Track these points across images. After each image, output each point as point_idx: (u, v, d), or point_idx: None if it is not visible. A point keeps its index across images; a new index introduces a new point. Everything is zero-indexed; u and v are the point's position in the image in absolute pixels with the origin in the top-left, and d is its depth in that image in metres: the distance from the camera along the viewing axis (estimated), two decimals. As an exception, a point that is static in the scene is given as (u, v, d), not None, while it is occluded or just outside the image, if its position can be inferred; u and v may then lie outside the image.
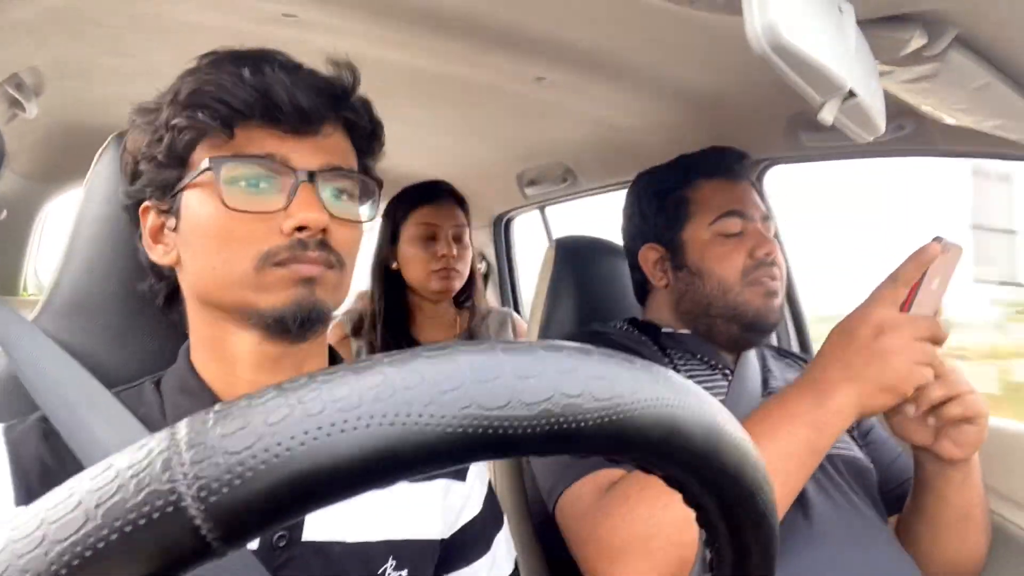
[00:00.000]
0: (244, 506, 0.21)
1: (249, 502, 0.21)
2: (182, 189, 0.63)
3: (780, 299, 1.09)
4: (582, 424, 0.24)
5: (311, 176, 0.62)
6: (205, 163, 0.60)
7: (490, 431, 0.23)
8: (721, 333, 1.10)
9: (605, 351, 0.27)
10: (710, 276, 1.09)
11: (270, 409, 0.22)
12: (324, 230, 0.62)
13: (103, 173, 0.76)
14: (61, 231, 0.78)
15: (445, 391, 0.23)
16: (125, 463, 0.21)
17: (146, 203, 0.66)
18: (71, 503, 0.21)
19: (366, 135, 0.70)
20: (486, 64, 1.22)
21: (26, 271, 2.40)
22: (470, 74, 1.28)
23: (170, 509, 0.20)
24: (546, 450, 0.24)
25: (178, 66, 0.65)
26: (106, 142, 0.77)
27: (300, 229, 0.61)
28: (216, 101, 0.60)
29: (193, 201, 0.63)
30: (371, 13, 1.05)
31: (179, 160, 0.63)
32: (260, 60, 0.62)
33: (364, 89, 0.68)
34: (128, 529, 0.20)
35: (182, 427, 0.22)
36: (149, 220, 0.66)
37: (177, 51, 0.66)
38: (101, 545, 0.20)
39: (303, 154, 0.63)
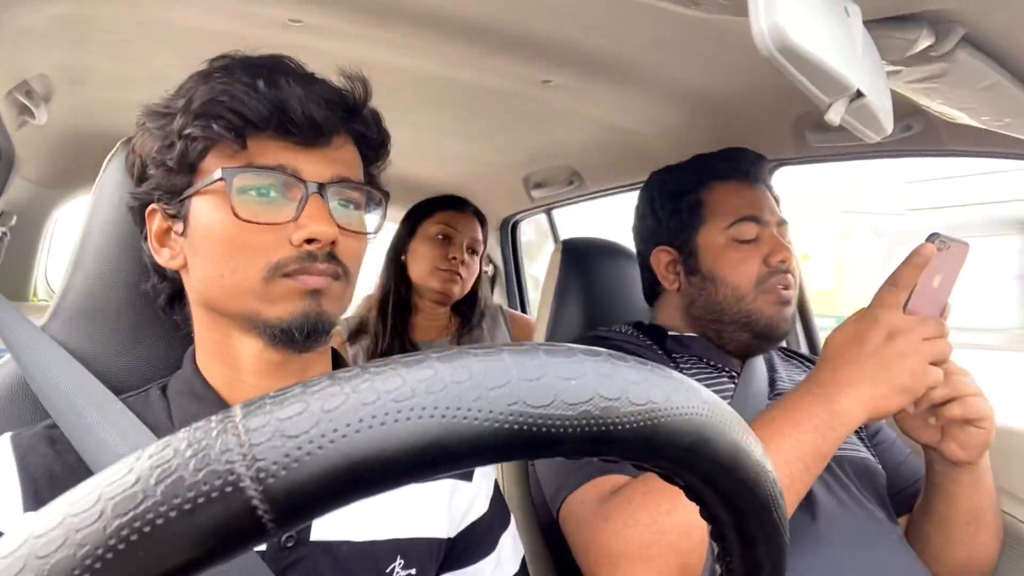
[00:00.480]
0: (300, 489, 0.21)
1: (305, 485, 0.21)
2: (191, 195, 0.63)
3: (793, 308, 1.09)
4: (619, 427, 0.25)
5: (321, 188, 0.63)
6: (218, 173, 0.61)
7: (534, 429, 0.23)
8: (731, 339, 1.10)
9: (639, 359, 0.27)
10: (723, 283, 1.08)
11: (326, 396, 0.22)
12: (333, 242, 0.62)
13: (112, 179, 0.77)
14: (71, 237, 0.78)
15: (493, 387, 0.23)
16: (184, 443, 0.22)
17: (153, 206, 0.66)
18: (130, 479, 0.21)
19: (374, 146, 0.70)
20: (492, 67, 1.22)
21: (36, 277, 2.42)
22: (476, 78, 1.28)
23: (229, 489, 0.21)
24: (584, 451, 0.25)
25: (186, 71, 0.66)
26: (115, 148, 0.78)
27: (310, 241, 0.61)
28: (230, 112, 0.60)
29: (203, 208, 0.63)
30: (377, 18, 1.05)
31: (189, 167, 0.63)
32: (274, 70, 0.63)
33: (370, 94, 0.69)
34: (187, 507, 0.20)
35: (238, 410, 0.22)
36: (155, 223, 0.67)
37: (184, 56, 0.66)
38: (160, 521, 0.20)
39: (313, 166, 0.63)
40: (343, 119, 0.65)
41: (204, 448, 0.21)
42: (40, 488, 0.59)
